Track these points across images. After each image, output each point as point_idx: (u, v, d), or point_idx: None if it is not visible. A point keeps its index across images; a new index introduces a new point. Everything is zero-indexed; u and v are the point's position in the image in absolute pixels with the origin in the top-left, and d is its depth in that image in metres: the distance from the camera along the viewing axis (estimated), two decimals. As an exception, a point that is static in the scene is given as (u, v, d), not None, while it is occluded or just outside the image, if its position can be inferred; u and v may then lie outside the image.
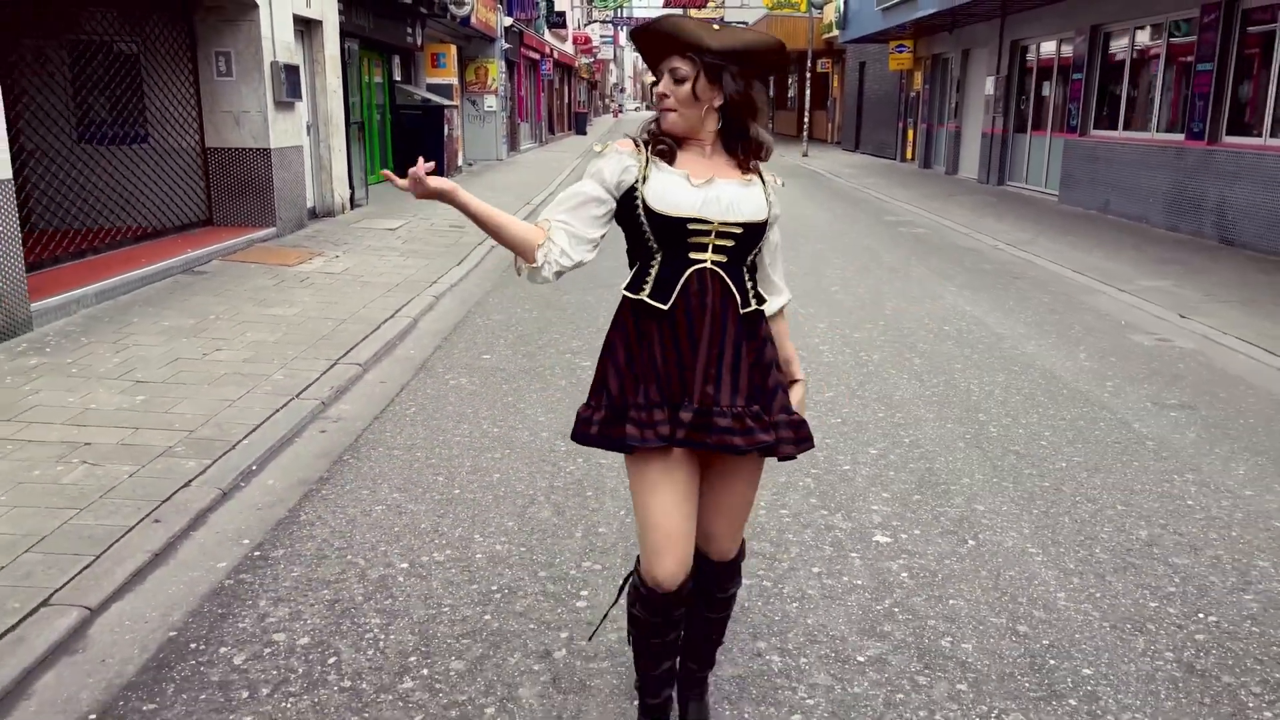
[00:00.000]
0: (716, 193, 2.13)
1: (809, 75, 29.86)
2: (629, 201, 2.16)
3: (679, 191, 2.11)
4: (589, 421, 2.21)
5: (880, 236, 12.17)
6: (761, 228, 2.18)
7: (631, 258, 2.24)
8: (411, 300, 7.68)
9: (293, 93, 10.35)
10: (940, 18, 19.22)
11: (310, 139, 11.61)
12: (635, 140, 2.21)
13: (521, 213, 13.00)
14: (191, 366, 5.69)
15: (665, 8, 48.36)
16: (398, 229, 11.39)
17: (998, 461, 4.50)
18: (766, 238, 2.24)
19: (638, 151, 2.18)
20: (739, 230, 2.14)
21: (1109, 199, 13.99)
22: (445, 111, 17.47)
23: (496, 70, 23.07)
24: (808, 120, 30.29)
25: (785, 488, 4.12)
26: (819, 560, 3.51)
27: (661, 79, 2.15)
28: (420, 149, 16.68)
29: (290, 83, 10.26)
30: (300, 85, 10.70)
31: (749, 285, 2.22)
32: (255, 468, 4.35)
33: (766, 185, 2.24)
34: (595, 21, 50.60)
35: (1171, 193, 12.33)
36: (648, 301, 2.16)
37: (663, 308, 2.14)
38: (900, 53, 23.93)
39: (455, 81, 19.77)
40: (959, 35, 20.90)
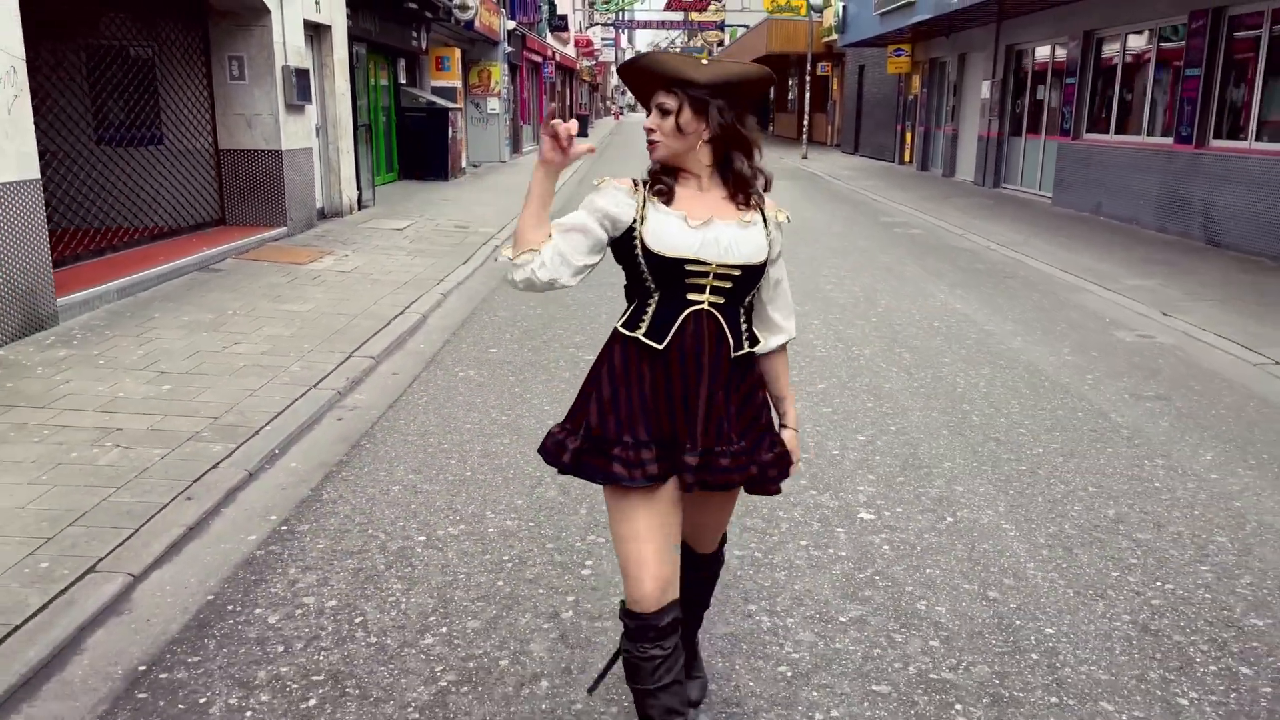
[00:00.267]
0: (715, 234, 2.13)
1: (809, 78, 30.14)
2: (628, 241, 2.17)
3: (676, 232, 2.12)
4: (562, 446, 2.23)
5: (876, 237, 12.44)
6: (760, 269, 2.18)
7: (629, 295, 2.25)
8: (420, 297, 7.95)
9: (303, 96, 10.63)
10: (937, 22, 19.50)
11: (319, 141, 11.89)
12: (634, 181, 2.22)
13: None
14: (212, 358, 5.96)
15: (666, 11, 48.68)
16: (404, 229, 11.67)
17: (978, 447, 4.77)
18: (766, 275, 2.24)
19: (635, 191, 2.19)
20: (737, 272, 2.15)
21: (1101, 201, 14.27)
22: (449, 114, 17.74)
23: (499, 73, 23.35)
24: (807, 123, 30.56)
25: (777, 470, 4.39)
26: (807, 534, 3.77)
27: (650, 114, 2.18)
28: (425, 151, 17.01)
29: (301, 86, 10.53)
30: (310, 89, 10.99)
31: (744, 327, 2.23)
32: (278, 451, 4.62)
33: (768, 223, 2.23)
34: (597, 24, 50.96)
35: (1161, 195, 12.60)
36: (643, 340, 2.17)
37: (658, 347, 2.16)
38: (898, 57, 24.20)
39: (459, 84, 20.04)
40: (956, 40, 21.18)
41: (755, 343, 2.26)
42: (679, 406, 2.17)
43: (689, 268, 2.12)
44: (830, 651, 2.98)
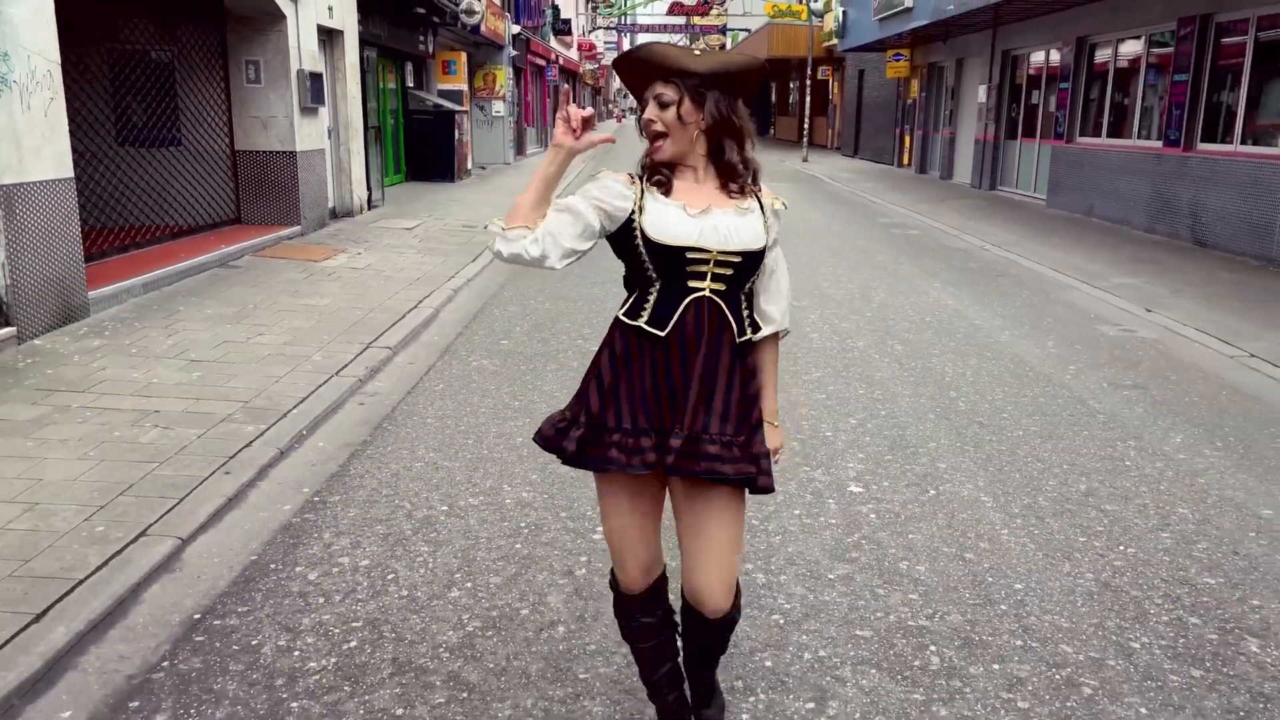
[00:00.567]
0: (714, 222, 2.16)
1: (809, 82, 30.48)
2: (627, 232, 2.18)
3: (676, 221, 2.14)
4: (564, 435, 2.25)
5: (874, 238, 12.75)
6: (759, 255, 2.21)
7: (629, 286, 2.27)
8: (432, 293, 8.27)
9: (316, 99, 10.96)
10: (935, 28, 19.83)
11: (331, 143, 12.21)
12: (631, 174, 2.24)
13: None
14: (238, 348, 6.27)
15: (669, 15, 49.04)
16: (414, 228, 11.99)
17: (962, 430, 5.08)
18: (765, 260, 2.26)
19: (633, 184, 2.21)
20: (738, 259, 2.17)
21: (1093, 203, 14.59)
22: (456, 116, 18.08)
23: (504, 76, 23.69)
24: (808, 126, 30.89)
25: (773, 449, 4.71)
26: (800, 505, 4.08)
27: (647, 106, 2.19)
28: (432, 153, 17.35)
29: (314, 89, 10.87)
30: (323, 92, 11.32)
31: (745, 314, 2.25)
32: (305, 432, 4.93)
33: (765, 210, 2.25)
34: (599, 28, 51.33)
35: (1150, 197, 12.92)
36: (645, 328, 2.18)
37: (659, 334, 2.18)
38: (897, 61, 24.54)
39: (465, 87, 20.39)
40: (953, 45, 21.51)
41: (758, 329, 2.29)
42: (679, 393, 2.19)
43: (690, 255, 2.15)
44: (819, 603, 3.29)
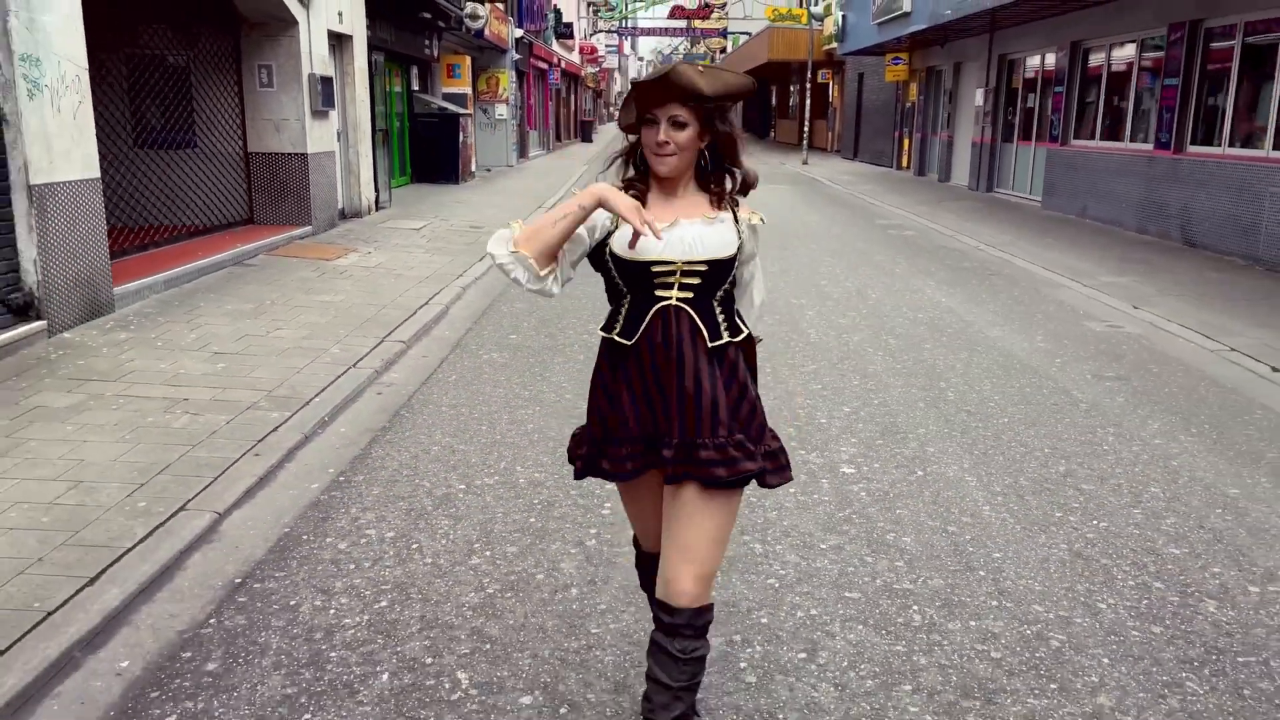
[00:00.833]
0: (680, 233, 2.19)
1: (809, 85, 30.77)
2: (600, 248, 2.26)
3: (642, 237, 2.14)
4: (574, 452, 2.49)
5: (871, 238, 13.03)
6: (729, 263, 2.24)
7: (609, 300, 2.35)
8: (442, 290, 8.54)
9: (327, 102, 11.25)
10: (932, 32, 20.12)
11: (340, 145, 12.50)
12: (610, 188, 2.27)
13: (534, 215, 13.88)
14: (259, 342, 6.55)
15: (670, 19, 49.34)
16: (421, 229, 12.27)
17: (951, 417, 5.35)
18: (740, 274, 2.32)
19: None
20: (703, 267, 2.20)
21: (1086, 204, 14.87)
22: (460, 120, 18.37)
23: (507, 80, 23.99)
24: (808, 129, 31.17)
25: (771, 435, 4.98)
26: (795, 484, 4.35)
27: (659, 126, 2.17)
28: (437, 155, 17.64)
29: (325, 93, 11.15)
30: (333, 95, 11.60)
31: (719, 318, 2.26)
32: (328, 419, 5.20)
33: (740, 222, 2.29)
34: (600, 31, 51.64)
35: (1142, 198, 13.20)
36: (615, 339, 2.27)
37: (627, 344, 2.24)
38: (896, 65, 24.83)
39: (469, 91, 20.68)
40: (951, 49, 21.80)
41: (737, 333, 2.30)
42: (657, 401, 2.25)
43: (655, 268, 2.20)
44: (811, 569, 3.56)
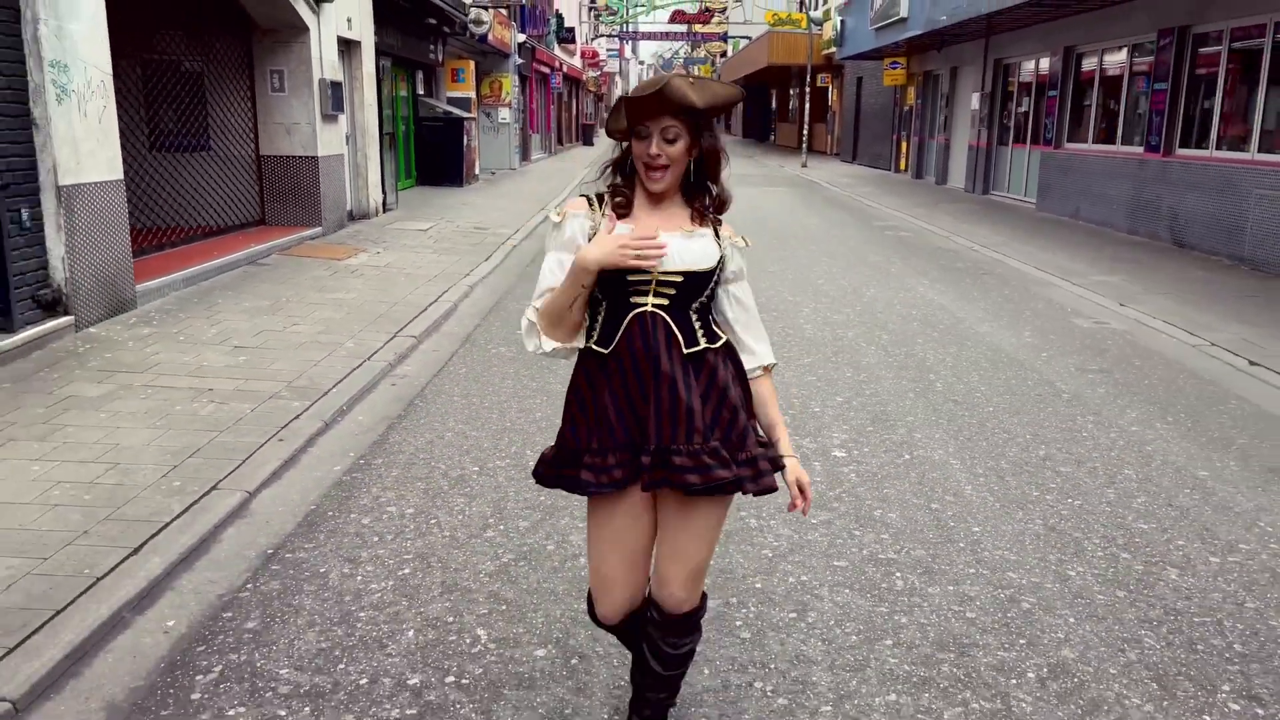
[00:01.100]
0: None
1: (809, 89, 31.07)
2: None
3: None
4: (542, 461, 2.38)
5: (868, 239, 13.31)
6: (707, 276, 2.21)
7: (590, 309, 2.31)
8: (450, 289, 8.82)
9: (337, 106, 11.53)
10: (929, 37, 20.42)
11: (349, 148, 12.78)
12: (589, 198, 2.26)
13: (535, 217, 14.18)
14: (276, 336, 6.82)
15: (671, 23, 49.66)
16: (428, 230, 12.55)
17: (938, 406, 5.62)
18: (725, 290, 2.29)
19: (592, 211, 2.24)
20: (679, 279, 2.18)
21: (1079, 206, 15.15)
22: (464, 123, 18.66)
23: (510, 84, 24.29)
24: (807, 132, 31.46)
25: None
26: (789, 466, 4.62)
27: (651, 140, 2.14)
28: (442, 158, 17.93)
29: (335, 97, 11.44)
30: (343, 99, 11.88)
31: (696, 326, 2.23)
32: (346, 408, 5.48)
33: (721, 239, 2.26)
34: (602, 36, 51.97)
35: (1133, 200, 13.48)
36: (593, 347, 2.25)
37: (604, 351, 2.22)
38: (894, 69, 25.11)
39: (472, 95, 20.98)
40: (947, 54, 22.09)
41: (715, 339, 2.26)
42: (639, 406, 2.21)
43: (630, 277, 2.17)
44: (803, 541, 3.83)
